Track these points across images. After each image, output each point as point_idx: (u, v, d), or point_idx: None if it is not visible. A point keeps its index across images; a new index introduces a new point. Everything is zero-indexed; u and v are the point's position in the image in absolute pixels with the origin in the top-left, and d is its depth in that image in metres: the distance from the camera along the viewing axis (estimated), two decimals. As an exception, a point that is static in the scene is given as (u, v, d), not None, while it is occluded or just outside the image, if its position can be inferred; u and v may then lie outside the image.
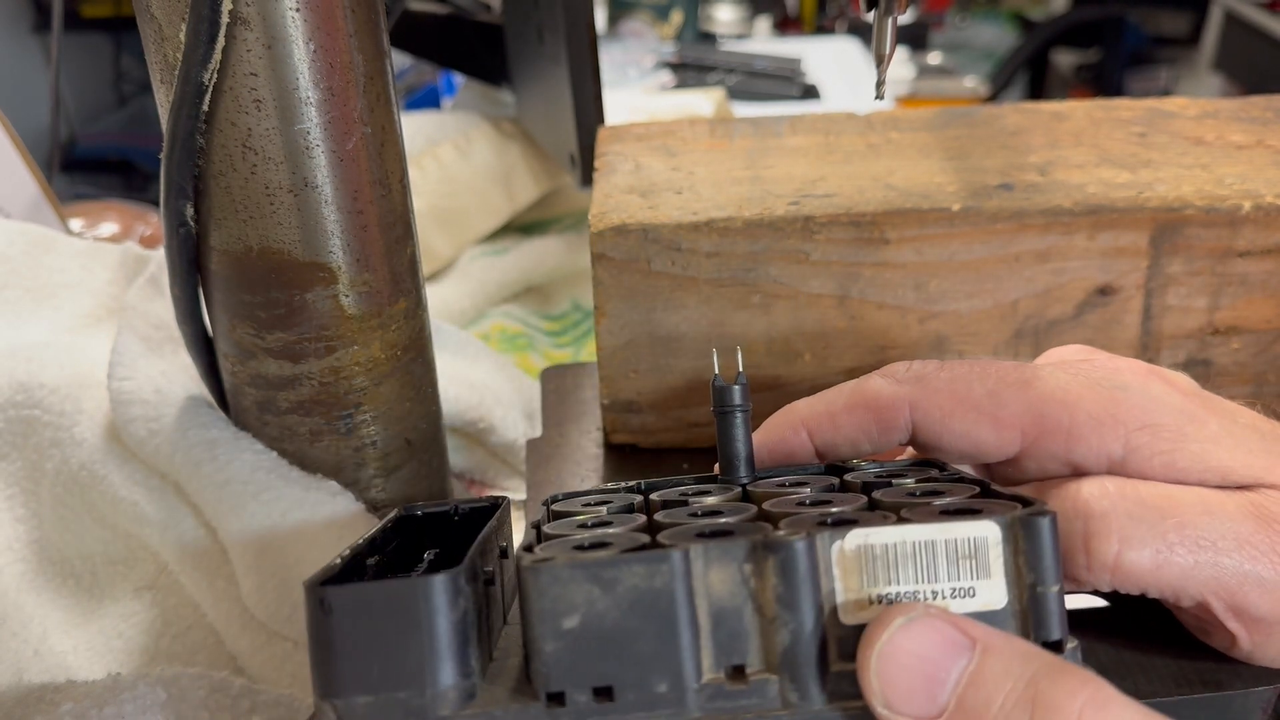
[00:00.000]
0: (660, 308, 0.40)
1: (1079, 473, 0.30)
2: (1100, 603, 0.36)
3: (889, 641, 0.22)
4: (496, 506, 0.31)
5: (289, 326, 0.35)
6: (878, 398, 0.31)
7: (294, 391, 0.36)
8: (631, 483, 0.33)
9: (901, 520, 0.25)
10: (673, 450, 0.44)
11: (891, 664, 0.22)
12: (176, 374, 0.41)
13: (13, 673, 0.36)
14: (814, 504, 0.28)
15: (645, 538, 0.25)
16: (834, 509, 0.27)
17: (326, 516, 0.35)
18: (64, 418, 0.42)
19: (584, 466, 0.43)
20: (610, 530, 0.26)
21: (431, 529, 0.32)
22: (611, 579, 0.23)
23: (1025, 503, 0.25)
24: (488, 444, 0.51)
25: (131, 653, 0.36)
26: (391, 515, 0.31)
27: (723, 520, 0.26)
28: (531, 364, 0.64)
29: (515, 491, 0.52)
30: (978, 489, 0.28)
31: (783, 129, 0.48)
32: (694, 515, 0.28)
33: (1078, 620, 0.35)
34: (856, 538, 0.24)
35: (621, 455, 0.44)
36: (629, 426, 0.43)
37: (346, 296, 0.35)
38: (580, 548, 0.25)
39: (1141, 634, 0.34)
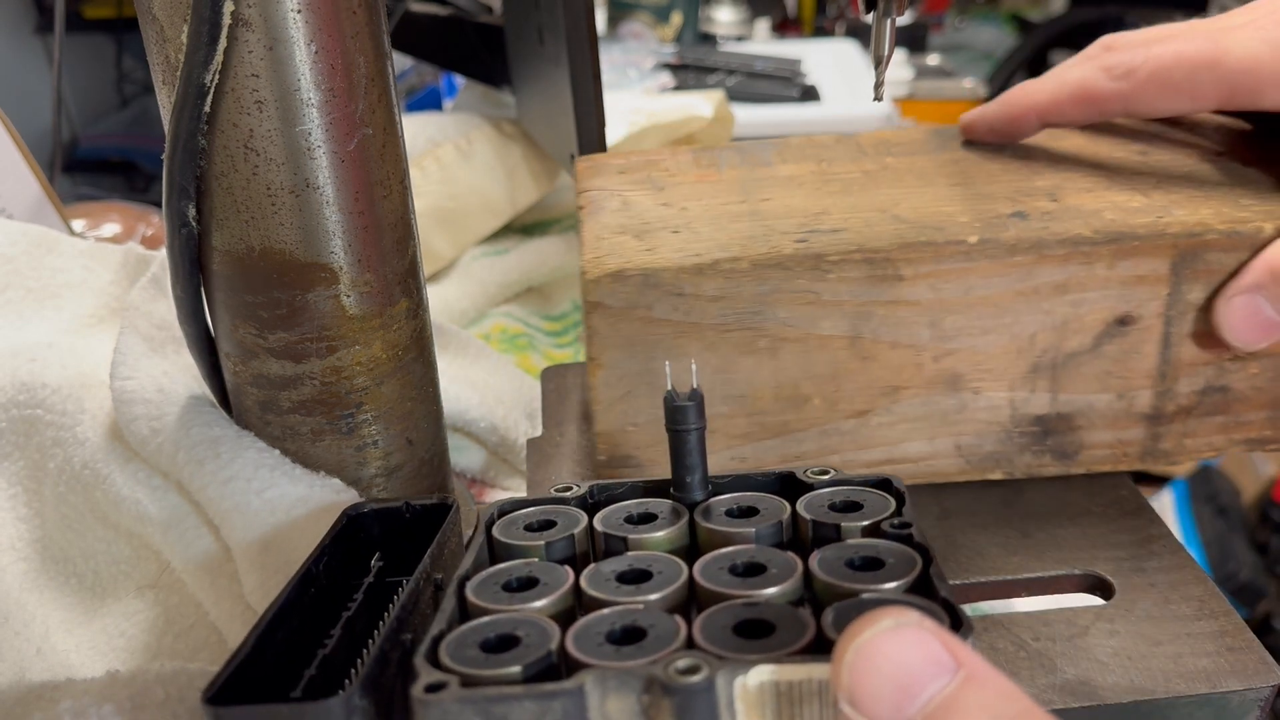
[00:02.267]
0: (661, 356, 0.38)
1: (1269, 113, 0.38)
2: (1099, 602, 0.36)
3: (871, 640, 0.21)
4: (447, 509, 0.32)
5: (291, 326, 0.35)
6: (1098, 93, 0.40)
7: (296, 391, 0.36)
8: (583, 490, 0.33)
9: (807, 651, 0.24)
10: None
11: (867, 663, 0.21)
12: (179, 374, 0.41)
13: (15, 671, 0.36)
14: (746, 571, 0.28)
15: (555, 635, 0.25)
16: (761, 591, 0.27)
17: (329, 514, 0.35)
18: (66, 417, 0.42)
19: (584, 465, 0.43)
20: (522, 618, 0.26)
21: (385, 525, 0.33)
22: (502, 715, 0.23)
23: (954, 614, 0.24)
24: (489, 444, 0.51)
25: (134, 651, 0.36)
26: (339, 519, 0.31)
27: (637, 619, 0.26)
28: (532, 364, 0.64)
29: (516, 490, 0.52)
30: (919, 561, 0.28)
31: (771, 157, 0.47)
32: (621, 580, 0.28)
33: (1077, 616, 0.35)
34: (760, 674, 0.23)
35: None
36: None
37: (348, 297, 0.35)
38: (486, 643, 0.25)
39: (1140, 632, 0.34)
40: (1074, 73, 0.41)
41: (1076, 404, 0.40)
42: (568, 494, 0.33)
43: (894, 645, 0.21)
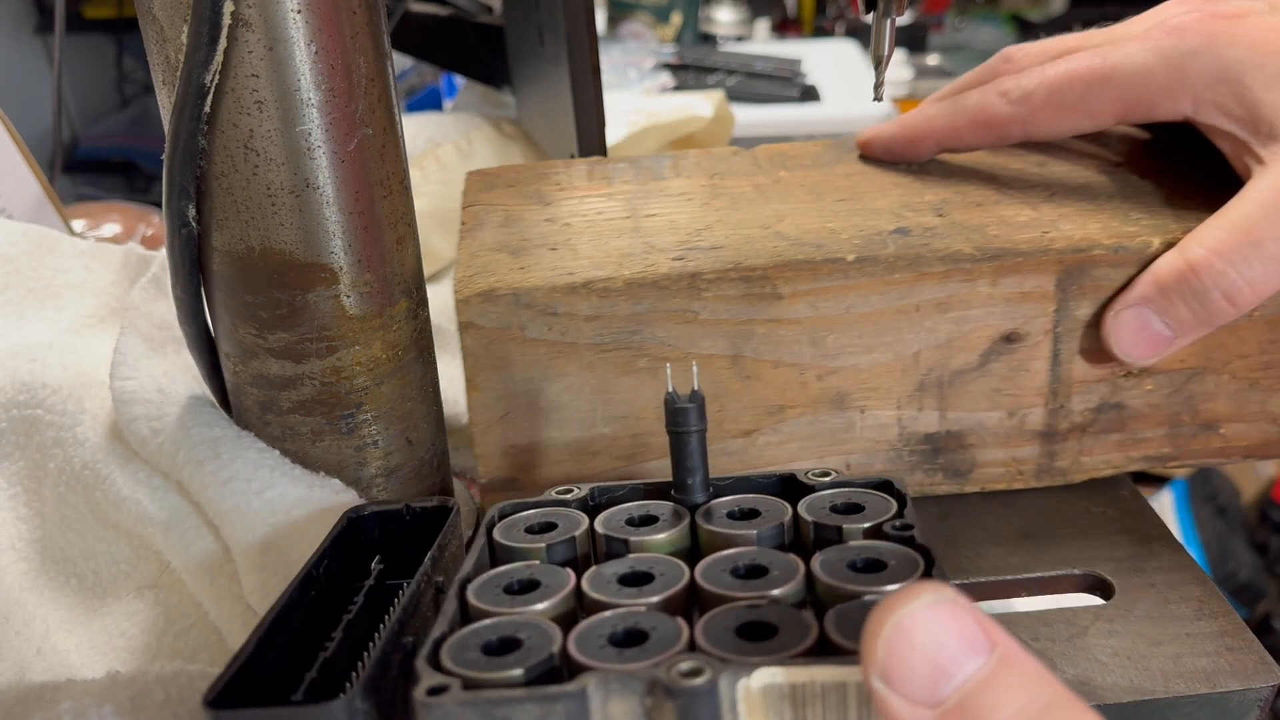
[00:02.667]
0: (538, 377, 0.37)
1: (1164, 123, 0.38)
2: (1099, 602, 0.36)
3: (908, 615, 0.21)
4: (448, 511, 0.31)
5: (291, 326, 0.35)
6: (995, 118, 0.40)
7: (296, 391, 0.36)
8: (584, 493, 0.33)
9: (810, 653, 0.24)
10: None
11: (903, 640, 0.21)
12: (179, 374, 0.41)
13: (15, 671, 0.36)
14: (748, 574, 0.28)
15: (557, 638, 0.25)
16: (763, 593, 0.27)
17: (330, 515, 0.35)
18: (67, 417, 0.42)
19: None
20: (523, 620, 0.26)
21: (385, 527, 0.33)
22: (504, 718, 0.23)
23: None
24: (488, 444, 0.51)
25: (134, 651, 0.36)
26: (339, 521, 0.31)
27: (640, 622, 0.26)
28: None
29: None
30: (921, 562, 0.28)
31: (665, 170, 0.45)
32: (623, 582, 0.28)
33: (1077, 616, 0.35)
34: (763, 676, 0.23)
35: None
36: None
37: (348, 297, 0.35)
38: (488, 646, 0.25)
39: (1140, 632, 0.34)
40: (972, 98, 0.41)
41: (966, 422, 0.39)
42: (569, 496, 0.33)
43: (931, 622, 0.21)
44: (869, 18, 0.38)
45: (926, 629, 0.21)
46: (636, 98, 0.92)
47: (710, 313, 0.37)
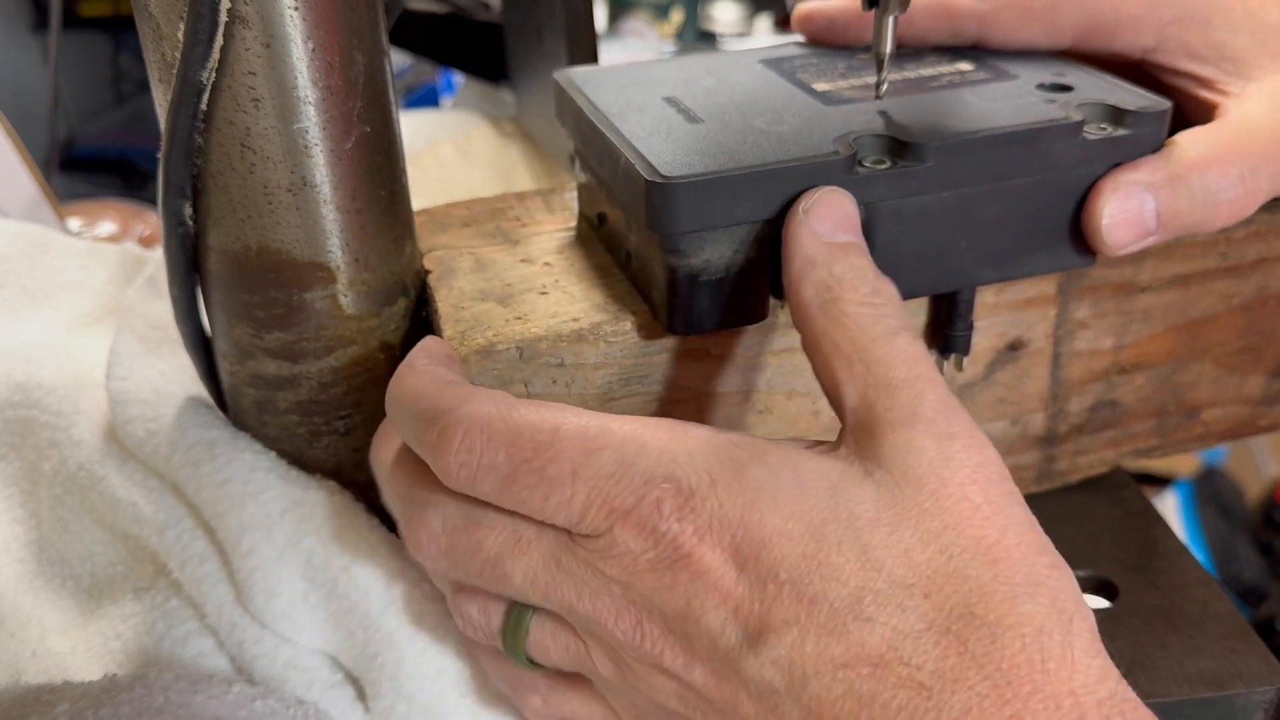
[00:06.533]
0: None
1: (1117, 60, 0.38)
2: (1103, 603, 0.36)
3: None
4: None
5: (287, 326, 0.34)
6: (955, 7, 0.39)
7: (292, 391, 0.36)
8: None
9: None
10: None
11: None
12: (175, 374, 0.41)
13: (10, 674, 0.36)
14: None
15: None
16: None
17: (325, 516, 0.35)
18: (62, 418, 0.42)
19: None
20: None
21: None
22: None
23: None
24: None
25: (130, 654, 0.36)
26: None
27: None
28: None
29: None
30: None
31: None
32: None
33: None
34: None
35: None
36: None
37: (345, 296, 0.35)
38: None
39: (1144, 634, 0.34)
40: None
41: None
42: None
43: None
44: (869, 15, 0.38)
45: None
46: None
47: (721, 349, 0.35)
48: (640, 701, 0.28)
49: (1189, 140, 0.35)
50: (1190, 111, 0.38)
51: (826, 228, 0.30)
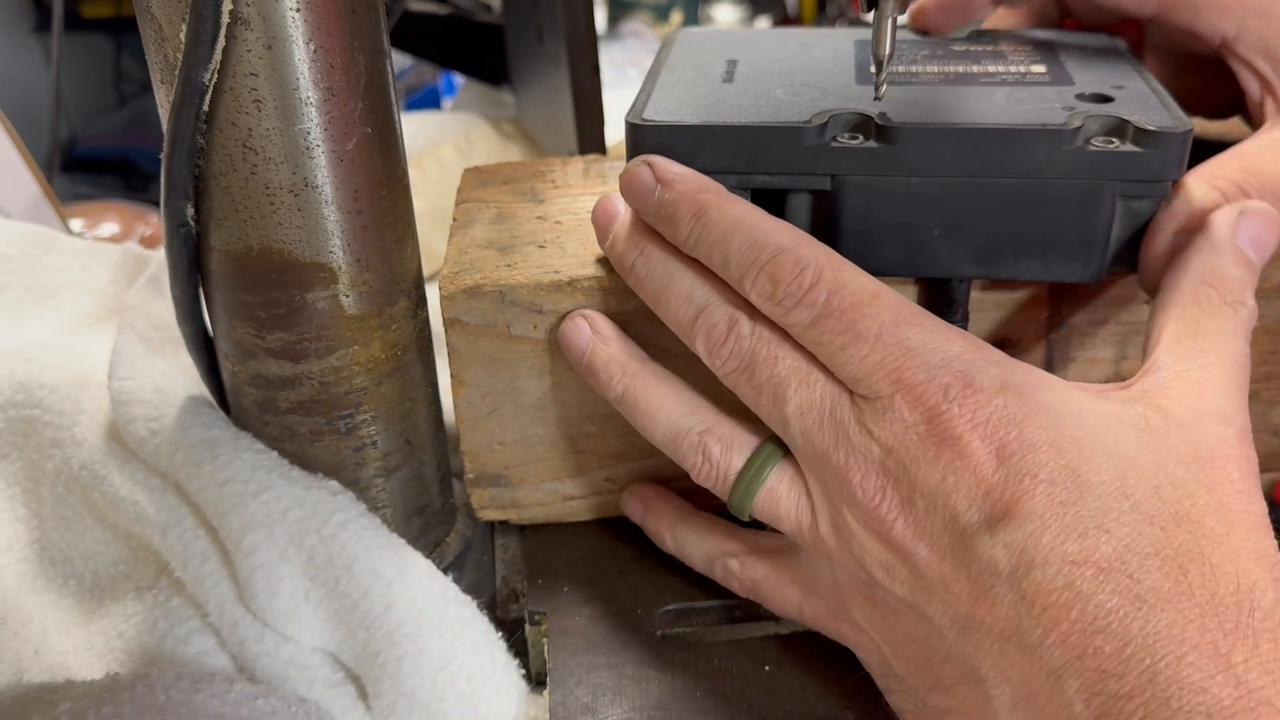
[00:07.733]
0: (524, 375, 0.37)
1: (1195, 40, 0.38)
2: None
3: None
4: None
5: (289, 326, 0.35)
6: None
7: (294, 391, 0.36)
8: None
9: None
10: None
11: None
12: (177, 374, 0.41)
13: (13, 673, 0.36)
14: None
15: None
16: None
17: (327, 515, 0.35)
18: (64, 418, 0.42)
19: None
20: None
21: None
22: None
23: None
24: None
25: (132, 653, 0.36)
26: None
27: None
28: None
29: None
30: None
31: None
32: None
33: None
34: None
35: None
36: (498, 502, 0.41)
37: (347, 296, 0.35)
38: None
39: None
40: None
41: None
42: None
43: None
44: (869, 16, 0.38)
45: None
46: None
47: None
48: (842, 572, 0.30)
49: (1194, 180, 0.34)
50: (1252, 118, 0.37)
51: (1247, 236, 0.31)
